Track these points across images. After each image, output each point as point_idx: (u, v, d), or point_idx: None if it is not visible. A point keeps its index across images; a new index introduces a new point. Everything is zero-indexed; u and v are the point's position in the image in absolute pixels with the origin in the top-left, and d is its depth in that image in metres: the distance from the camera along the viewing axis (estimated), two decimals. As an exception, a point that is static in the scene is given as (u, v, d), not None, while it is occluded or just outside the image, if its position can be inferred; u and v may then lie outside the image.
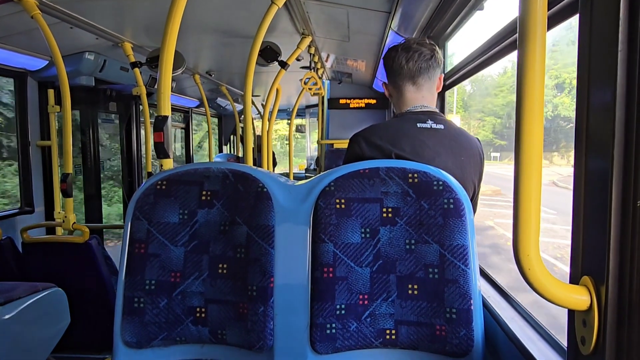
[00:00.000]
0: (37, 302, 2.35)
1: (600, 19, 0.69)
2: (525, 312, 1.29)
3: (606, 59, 0.66)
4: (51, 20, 2.68)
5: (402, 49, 1.51)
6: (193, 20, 2.92)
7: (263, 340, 1.19)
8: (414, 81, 1.51)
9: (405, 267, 1.19)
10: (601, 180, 0.68)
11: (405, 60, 1.50)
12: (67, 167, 2.96)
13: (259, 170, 1.31)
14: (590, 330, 0.70)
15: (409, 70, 1.50)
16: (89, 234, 2.78)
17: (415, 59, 1.49)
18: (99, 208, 4.74)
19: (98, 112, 4.69)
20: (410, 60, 1.49)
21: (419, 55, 1.49)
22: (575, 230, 0.75)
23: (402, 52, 1.51)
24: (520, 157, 0.70)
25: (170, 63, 1.65)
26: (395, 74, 1.54)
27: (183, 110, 6.79)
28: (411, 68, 1.50)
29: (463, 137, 1.47)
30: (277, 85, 3.68)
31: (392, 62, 1.53)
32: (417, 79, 1.51)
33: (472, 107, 32.73)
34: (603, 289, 0.68)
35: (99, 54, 3.62)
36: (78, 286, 2.74)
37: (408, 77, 1.51)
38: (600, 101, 0.69)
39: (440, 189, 1.19)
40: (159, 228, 1.26)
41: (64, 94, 2.87)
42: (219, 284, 1.24)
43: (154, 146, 1.68)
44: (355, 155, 1.43)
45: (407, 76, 1.51)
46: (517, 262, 0.72)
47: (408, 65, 1.50)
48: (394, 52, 1.53)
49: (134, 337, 1.23)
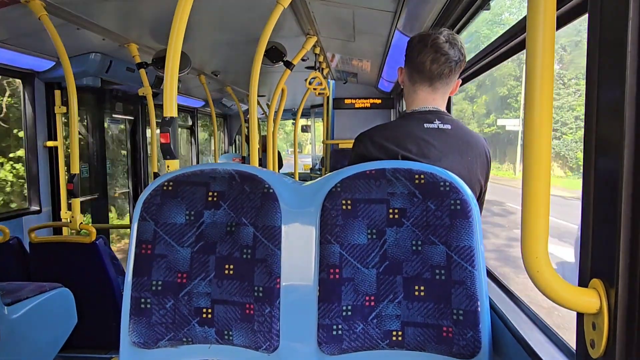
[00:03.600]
0: (45, 302, 2.36)
1: (609, 19, 0.68)
2: (533, 315, 1.28)
3: (615, 59, 0.66)
4: (58, 21, 2.70)
5: (431, 45, 1.40)
6: (199, 20, 2.92)
7: (269, 341, 1.19)
8: (432, 83, 1.44)
9: (411, 268, 1.18)
10: (611, 182, 0.67)
11: (430, 61, 1.40)
12: (73, 168, 2.97)
13: (265, 171, 1.31)
14: (599, 333, 0.69)
15: (430, 72, 1.42)
16: (96, 234, 2.80)
17: (441, 62, 1.40)
18: (106, 208, 4.76)
19: (104, 113, 4.71)
20: (435, 62, 1.40)
21: (446, 60, 1.40)
22: (585, 233, 0.74)
23: (430, 51, 1.40)
24: (529, 159, 0.69)
25: (177, 64, 1.65)
26: (414, 68, 1.45)
27: (188, 110, 6.81)
28: (433, 71, 1.42)
29: (470, 136, 1.46)
30: (283, 86, 3.69)
31: (417, 55, 1.42)
32: (436, 83, 1.44)
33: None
34: (613, 292, 0.67)
35: (105, 55, 3.63)
36: (85, 286, 2.75)
37: (427, 78, 1.44)
38: (609, 102, 0.68)
39: (447, 189, 1.19)
40: (165, 229, 1.26)
41: (70, 95, 2.88)
42: (226, 284, 1.24)
43: (161, 147, 1.68)
44: (361, 155, 1.42)
45: (426, 77, 1.44)
46: (525, 265, 0.71)
47: (432, 67, 1.41)
48: (422, 46, 1.42)
49: (141, 337, 1.23)
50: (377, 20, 2.98)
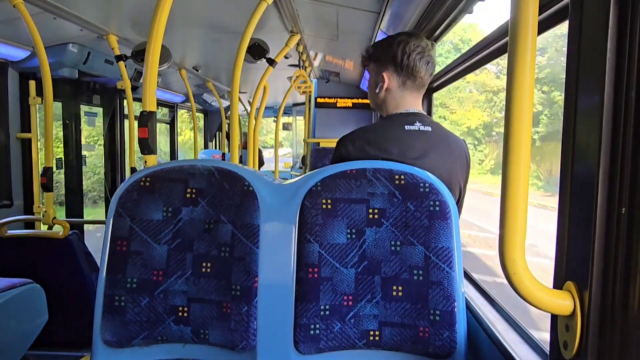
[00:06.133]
0: (14, 298, 2.29)
1: (589, 24, 0.69)
2: (508, 315, 1.29)
3: (594, 64, 0.67)
4: (34, 10, 2.62)
5: (425, 56, 1.44)
6: (181, 14, 2.88)
7: (246, 340, 1.18)
8: (420, 91, 1.51)
9: (390, 269, 1.19)
10: (587, 186, 0.68)
11: (425, 70, 1.46)
12: (47, 161, 2.89)
13: (245, 168, 1.30)
14: (572, 334, 0.70)
15: (423, 81, 1.48)
16: (69, 229, 2.73)
17: (431, 72, 1.48)
18: (80, 203, 4.65)
19: (81, 105, 4.61)
20: (428, 72, 1.47)
21: (433, 68, 1.48)
22: (560, 236, 0.75)
23: (426, 61, 1.44)
24: (507, 163, 0.70)
25: (157, 57, 1.62)
26: (409, 75, 1.46)
27: (168, 105, 6.71)
28: (426, 80, 1.48)
29: (450, 138, 1.48)
30: (265, 83, 3.66)
31: (414, 64, 1.44)
32: (422, 89, 1.51)
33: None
34: (586, 295, 0.68)
35: (83, 46, 3.55)
36: (57, 282, 2.68)
37: (419, 85, 1.49)
38: (587, 107, 0.69)
39: (426, 191, 1.19)
40: (141, 225, 1.24)
41: (45, 86, 2.80)
42: (203, 283, 1.22)
43: (139, 142, 1.65)
44: (342, 160, 1.42)
45: (419, 85, 1.48)
46: (502, 267, 0.72)
47: (425, 76, 1.47)
48: (419, 54, 1.43)
49: (114, 336, 1.20)
50: (361, 20, 2.99)
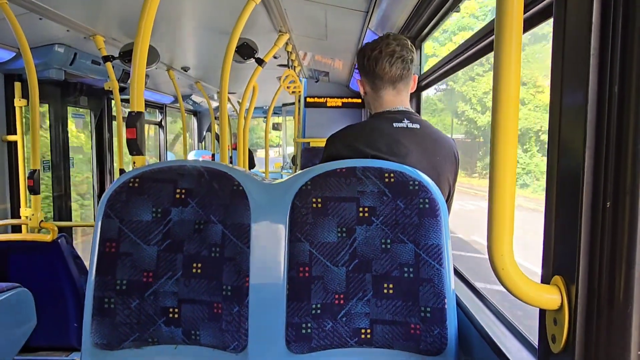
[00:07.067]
0: (2, 303, 2.26)
1: (573, 23, 0.70)
2: (497, 311, 1.31)
3: (579, 62, 0.68)
4: (19, 10, 2.58)
5: (386, 52, 1.46)
6: (168, 14, 2.86)
7: (238, 340, 1.18)
8: (395, 86, 1.50)
9: (380, 267, 1.19)
10: (573, 182, 0.69)
11: (389, 65, 1.46)
12: (34, 163, 2.86)
13: (234, 168, 1.30)
14: (560, 328, 0.71)
15: (392, 77, 1.48)
16: (57, 232, 2.70)
17: (398, 65, 1.47)
18: (68, 206, 4.60)
19: (68, 107, 4.56)
20: (394, 66, 1.46)
21: (402, 61, 1.47)
22: (547, 231, 0.76)
23: (387, 57, 1.46)
24: (495, 161, 0.71)
25: (144, 58, 1.61)
26: (375, 76, 1.50)
27: (157, 106, 6.66)
28: (394, 74, 1.47)
29: (438, 136, 1.49)
30: (254, 83, 3.65)
31: (376, 64, 1.47)
32: (398, 85, 1.50)
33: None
34: (573, 289, 0.69)
35: (70, 47, 3.51)
36: (45, 286, 2.66)
37: (390, 82, 1.49)
38: (572, 104, 0.70)
39: (415, 188, 1.20)
40: (131, 227, 1.23)
41: (31, 88, 2.77)
42: (193, 283, 1.21)
43: (127, 143, 1.64)
44: (332, 158, 1.43)
45: (389, 81, 1.49)
46: (490, 262, 0.72)
47: (392, 71, 1.47)
48: (377, 55, 1.47)
49: (104, 338, 1.19)
50: (350, 20, 2.99)
